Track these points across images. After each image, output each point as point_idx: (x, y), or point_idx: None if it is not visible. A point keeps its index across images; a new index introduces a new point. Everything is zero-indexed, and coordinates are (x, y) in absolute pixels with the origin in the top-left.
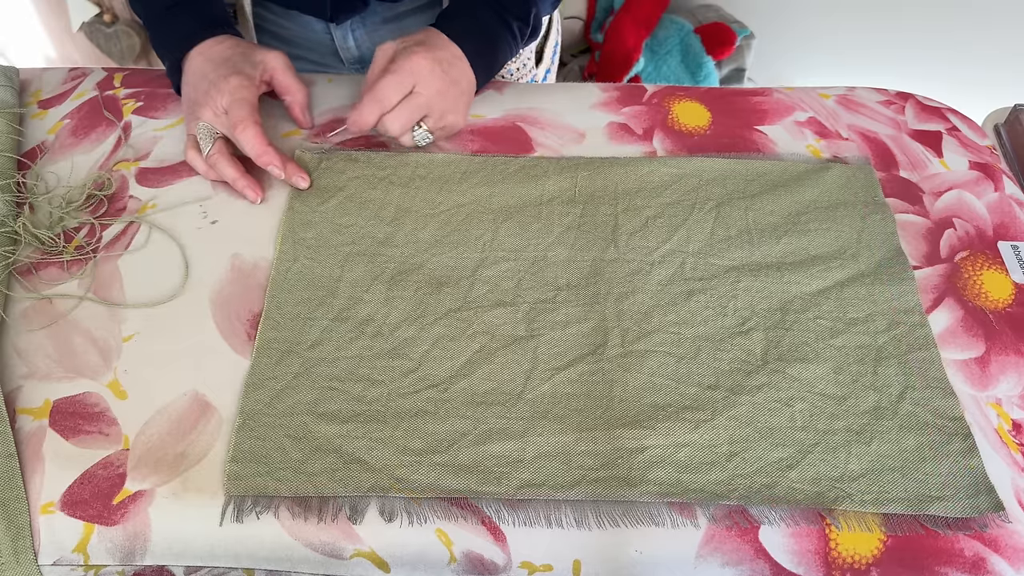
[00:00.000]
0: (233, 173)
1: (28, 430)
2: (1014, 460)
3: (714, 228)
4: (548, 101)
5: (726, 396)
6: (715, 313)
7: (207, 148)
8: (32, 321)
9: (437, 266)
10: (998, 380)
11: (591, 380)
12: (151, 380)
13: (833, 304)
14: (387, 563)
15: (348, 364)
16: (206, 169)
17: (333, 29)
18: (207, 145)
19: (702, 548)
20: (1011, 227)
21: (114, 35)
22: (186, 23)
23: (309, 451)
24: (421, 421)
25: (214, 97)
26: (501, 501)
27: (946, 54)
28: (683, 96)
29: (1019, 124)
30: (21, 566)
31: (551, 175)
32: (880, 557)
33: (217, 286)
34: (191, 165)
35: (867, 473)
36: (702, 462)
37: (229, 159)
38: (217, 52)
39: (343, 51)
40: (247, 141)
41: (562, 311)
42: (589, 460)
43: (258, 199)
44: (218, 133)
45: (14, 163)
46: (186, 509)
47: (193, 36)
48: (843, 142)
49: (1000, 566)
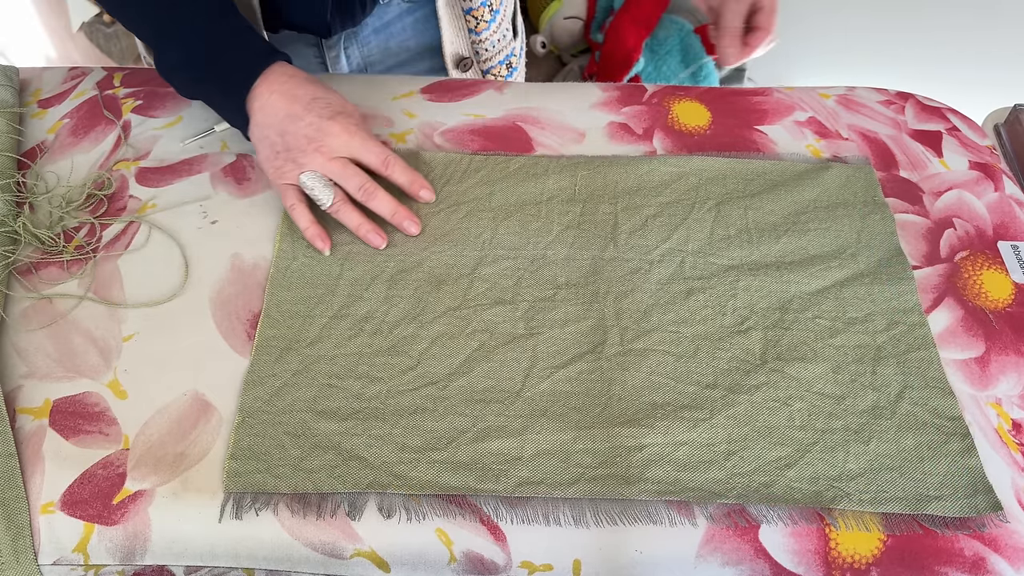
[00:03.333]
0: (359, 219)
1: (28, 430)
2: (1014, 460)
3: (714, 227)
4: (548, 101)
5: (725, 395)
6: (714, 312)
7: (328, 197)
8: (32, 321)
9: (436, 264)
10: (998, 380)
11: (590, 378)
12: (151, 380)
13: (832, 304)
14: (387, 563)
15: (347, 361)
16: (311, 222)
17: (326, 52)
18: (328, 194)
19: (702, 548)
20: (1011, 227)
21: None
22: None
23: (308, 448)
24: (420, 418)
25: (324, 142)
26: (499, 499)
27: (946, 54)
28: (683, 96)
29: (1019, 124)
30: (21, 566)
31: (551, 173)
32: (880, 557)
33: (217, 286)
34: (295, 218)
35: (865, 472)
36: (700, 461)
37: (352, 207)
38: (296, 88)
39: (335, 71)
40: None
41: (561, 309)
42: (587, 458)
43: (383, 244)
44: (331, 181)
45: (14, 163)
46: (186, 509)
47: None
48: (843, 142)
49: (1000, 566)
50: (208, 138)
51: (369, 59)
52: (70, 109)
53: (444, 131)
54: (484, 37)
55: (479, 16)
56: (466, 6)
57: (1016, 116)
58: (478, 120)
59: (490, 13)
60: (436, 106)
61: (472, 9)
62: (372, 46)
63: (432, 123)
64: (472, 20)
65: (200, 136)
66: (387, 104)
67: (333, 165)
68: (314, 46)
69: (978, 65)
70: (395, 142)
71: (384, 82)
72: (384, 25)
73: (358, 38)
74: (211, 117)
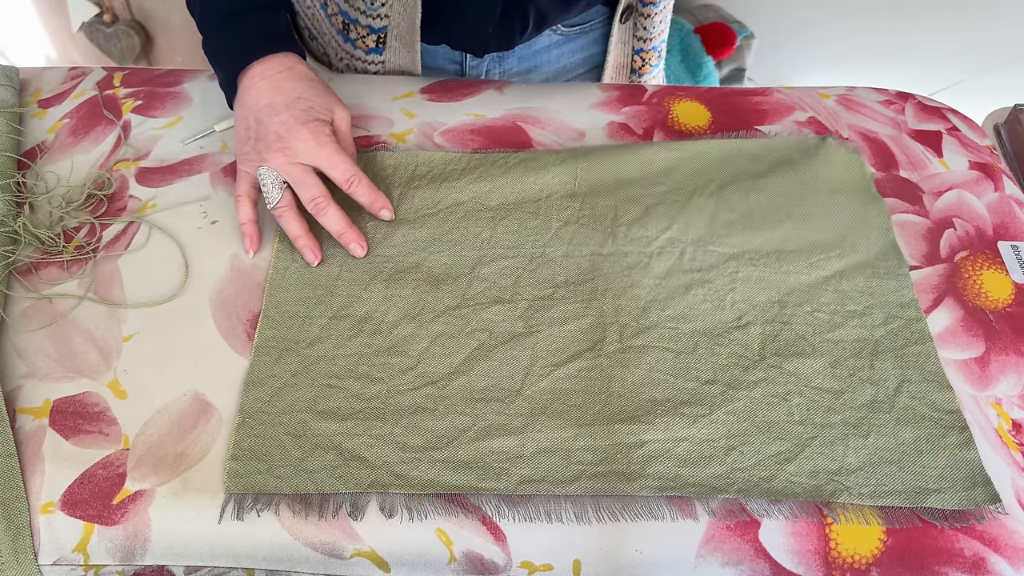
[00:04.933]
0: (297, 230)
1: (28, 430)
2: (1014, 460)
3: (715, 212)
4: (548, 101)
5: (724, 391)
6: (713, 308)
7: (275, 199)
8: (32, 321)
9: (435, 264)
10: (998, 380)
11: (589, 376)
12: (151, 380)
13: (831, 296)
14: (387, 563)
15: (347, 362)
16: (302, 231)
17: (468, 70)
18: (275, 195)
19: (702, 548)
20: (1011, 227)
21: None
22: (247, 34)
23: (309, 449)
24: (420, 418)
25: (290, 144)
26: (501, 497)
27: (946, 54)
28: (683, 96)
29: (1019, 124)
30: (21, 566)
31: (551, 167)
32: (880, 557)
33: (217, 286)
34: (238, 206)
35: (865, 466)
36: (700, 456)
37: (296, 215)
38: (286, 82)
39: (468, 73)
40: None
41: (560, 307)
42: (588, 455)
43: (316, 261)
44: (285, 183)
45: (14, 163)
46: (186, 509)
47: (254, 50)
48: (843, 142)
49: (1000, 566)
50: (208, 138)
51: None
52: (70, 109)
53: (444, 131)
54: (644, 80)
55: (646, 59)
56: (638, 46)
57: (1016, 116)
58: (478, 120)
59: (657, 58)
60: (436, 106)
61: (643, 51)
62: (513, 73)
63: (432, 123)
64: (639, 60)
65: (200, 136)
66: (387, 104)
67: (293, 170)
68: (457, 63)
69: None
70: (395, 142)
71: (384, 82)
72: (531, 54)
73: (503, 63)
74: (211, 117)
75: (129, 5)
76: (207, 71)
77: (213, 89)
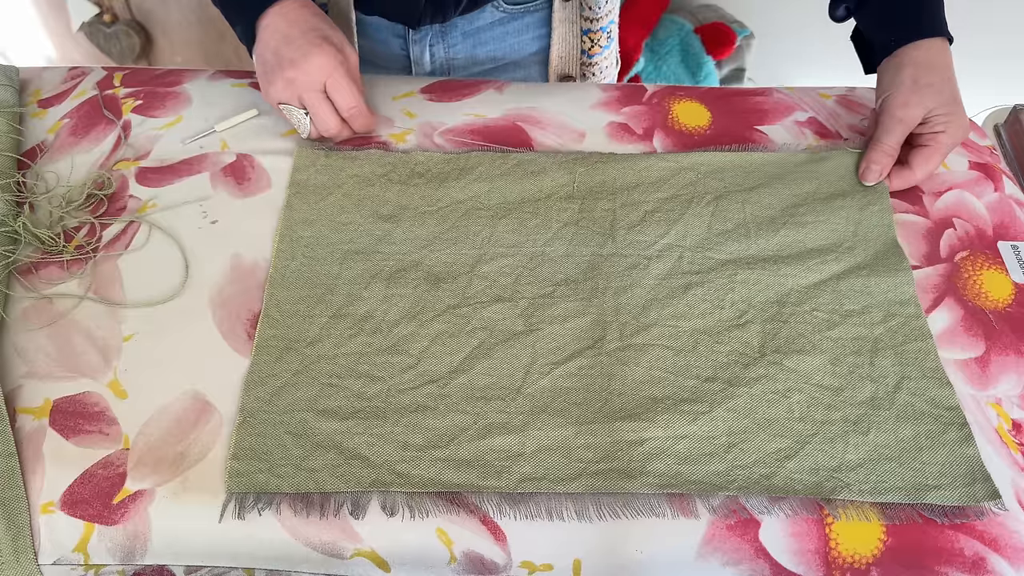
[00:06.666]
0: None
1: (28, 430)
2: (1014, 460)
3: (712, 222)
4: (548, 101)
5: (724, 388)
6: (712, 306)
7: (306, 129)
8: (32, 320)
9: (435, 263)
10: (998, 380)
11: (590, 374)
12: (151, 380)
13: (829, 296)
14: (387, 563)
15: (347, 361)
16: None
17: (411, 45)
18: (306, 124)
19: (702, 548)
20: (1011, 227)
21: (114, 35)
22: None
23: (310, 448)
24: (421, 416)
25: (302, 67)
26: (502, 496)
27: None
28: (683, 96)
29: (1019, 124)
30: (21, 566)
31: (549, 170)
32: (880, 556)
33: (217, 286)
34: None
35: (865, 463)
36: (701, 453)
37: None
38: (301, 17)
39: (417, 66)
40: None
41: (560, 306)
42: (589, 453)
43: None
44: (306, 111)
45: (14, 162)
46: (186, 509)
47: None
48: (843, 142)
49: (1000, 566)
50: (208, 138)
51: (453, 62)
52: (70, 109)
53: (444, 131)
54: (595, 61)
55: (595, 39)
56: (585, 27)
57: (1016, 116)
58: (478, 120)
59: (607, 39)
60: (436, 106)
61: (591, 31)
62: (458, 49)
63: (432, 123)
64: (588, 41)
65: (200, 136)
66: (387, 104)
67: (309, 97)
68: (400, 37)
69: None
70: (395, 142)
71: (384, 82)
72: (474, 31)
73: (446, 38)
74: (211, 117)
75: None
76: (207, 71)
77: (213, 89)
